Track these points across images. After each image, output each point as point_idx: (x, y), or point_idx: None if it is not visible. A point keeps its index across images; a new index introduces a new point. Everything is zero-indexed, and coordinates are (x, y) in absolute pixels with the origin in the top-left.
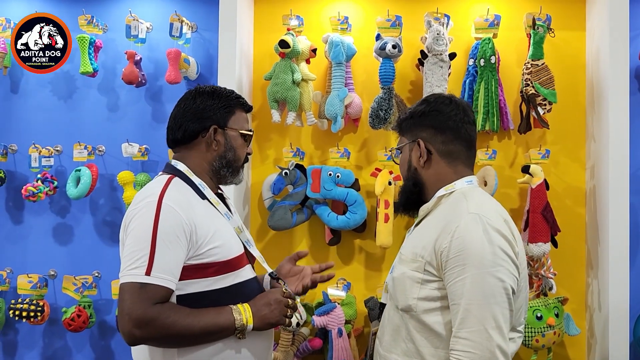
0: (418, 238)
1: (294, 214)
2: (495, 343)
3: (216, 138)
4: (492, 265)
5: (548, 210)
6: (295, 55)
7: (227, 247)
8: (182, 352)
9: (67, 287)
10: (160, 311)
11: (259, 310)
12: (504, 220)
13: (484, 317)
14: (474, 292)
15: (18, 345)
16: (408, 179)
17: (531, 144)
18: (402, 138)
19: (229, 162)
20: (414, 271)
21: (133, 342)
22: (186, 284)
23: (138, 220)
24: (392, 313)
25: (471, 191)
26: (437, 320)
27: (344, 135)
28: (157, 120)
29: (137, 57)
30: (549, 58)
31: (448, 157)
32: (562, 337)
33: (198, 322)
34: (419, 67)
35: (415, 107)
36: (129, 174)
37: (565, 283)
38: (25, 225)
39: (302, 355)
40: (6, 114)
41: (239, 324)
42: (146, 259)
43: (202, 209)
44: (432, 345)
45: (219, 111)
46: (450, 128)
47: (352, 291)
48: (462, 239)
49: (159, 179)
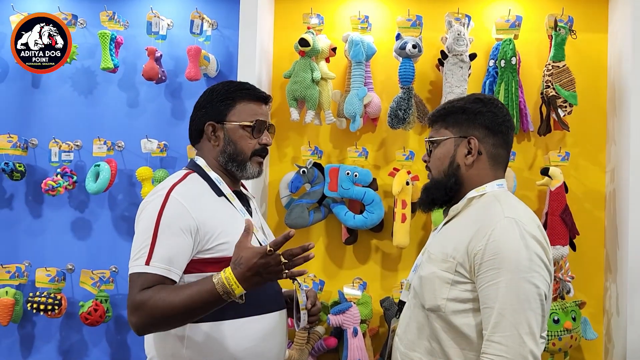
0: (447, 238)
1: (311, 212)
2: (529, 349)
3: (216, 134)
4: (528, 270)
5: (567, 213)
6: (315, 53)
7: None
8: (190, 344)
9: (84, 281)
10: (145, 294)
11: (248, 278)
12: (538, 226)
13: (518, 322)
14: (509, 297)
15: (35, 338)
16: (448, 175)
17: (551, 146)
18: (444, 131)
19: (232, 157)
20: (444, 271)
21: (136, 331)
22: (196, 277)
23: (145, 213)
24: (417, 311)
25: (503, 195)
26: (467, 322)
27: (363, 135)
28: (176, 116)
29: (158, 54)
30: (570, 60)
31: (493, 160)
32: (579, 341)
33: (180, 296)
34: (438, 68)
35: (465, 103)
36: (147, 170)
37: (583, 287)
38: (44, 219)
39: (317, 354)
40: (27, 108)
41: (224, 293)
42: (147, 250)
43: (214, 205)
44: (459, 346)
45: (216, 106)
46: (502, 132)
47: (368, 291)
48: (497, 242)
49: (176, 174)
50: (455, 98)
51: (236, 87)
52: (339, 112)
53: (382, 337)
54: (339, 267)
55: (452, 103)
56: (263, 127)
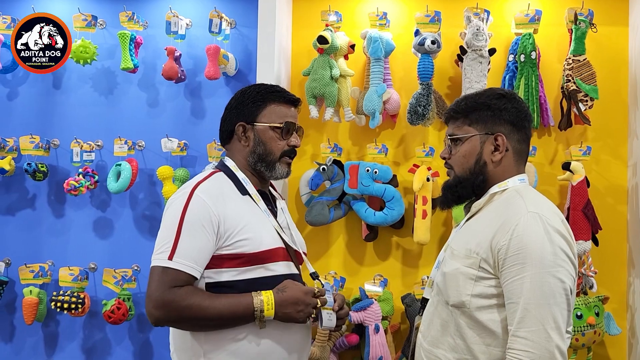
0: (470, 234)
1: (331, 209)
2: (555, 343)
3: (246, 134)
4: (553, 265)
5: (589, 208)
6: (334, 51)
7: (257, 240)
8: (209, 338)
9: (107, 279)
10: (178, 294)
11: (284, 305)
12: (562, 220)
13: (544, 317)
14: (534, 292)
15: (59, 336)
16: (474, 173)
17: (572, 140)
18: (468, 128)
19: (261, 157)
20: (468, 267)
21: (155, 323)
22: (215, 272)
23: (170, 209)
24: (440, 308)
25: (525, 189)
26: (492, 317)
27: (382, 132)
28: (196, 115)
29: (177, 53)
30: (591, 54)
31: (518, 156)
32: (602, 337)
33: (215, 306)
34: (457, 63)
35: (487, 99)
36: (168, 169)
37: (606, 282)
38: (66, 218)
39: (338, 351)
40: (49, 109)
41: (258, 311)
42: (170, 245)
43: (237, 202)
44: (484, 342)
45: (247, 107)
46: (525, 127)
47: (389, 288)
48: (521, 237)
49: (203, 173)
50: (472, 93)
51: (267, 89)
52: (358, 109)
53: (404, 334)
54: (360, 264)
55: (474, 99)
56: (292, 129)
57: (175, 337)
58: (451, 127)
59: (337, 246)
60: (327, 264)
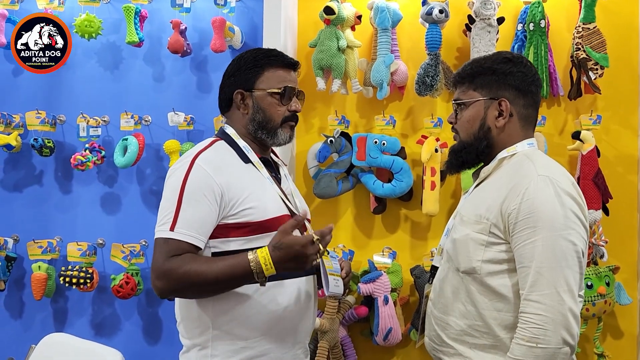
0: (480, 200)
1: (339, 182)
2: (567, 306)
3: (245, 102)
4: (564, 228)
5: (599, 177)
6: (341, 22)
7: (262, 208)
8: (215, 307)
9: (115, 255)
10: (175, 262)
11: (284, 261)
12: (572, 183)
13: (556, 280)
14: (546, 255)
15: (68, 312)
16: (478, 138)
17: (581, 110)
18: (473, 93)
19: (261, 124)
20: (478, 233)
21: (159, 294)
22: (222, 242)
23: (170, 179)
24: (451, 275)
25: (534, 153)
26: (503, 283)
27: (389, 103)
28: (202, 89)
29: (183, 27)
30: (601, 21)
31: (524, 121)
32: (613, 307)
33: (212, 270)
34: (466, 33)
35: (493, 64)
36: (175, 143)
37: (617, 251)
38: (74, 194)
39: (348, 323)
40: (54, 85)
41: (255, 269)
42: (172, 216)
43: (240, 171)
44: (495, 308)
45: (244, 74)
46: (532, 92)
47: (398, 260)
48: (532, 201)
49: (204, 142)
50: (480, 57)
51: (264, 54)
52: (365, 80)
53: (413, 306)
54: (368, 237)
55: (479, 63)
56: (292, 94)
57: (181, 307)
58: (457, 91)
59: (345, 219)
60: (336, 236)
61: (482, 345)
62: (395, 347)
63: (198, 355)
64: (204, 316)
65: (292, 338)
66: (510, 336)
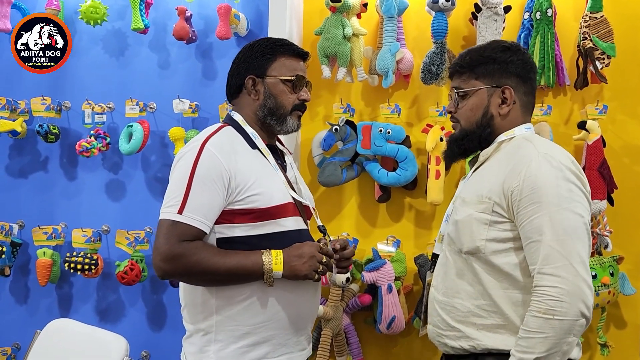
0: (481, 181)
1: (344, 170)
2: (582, 277)
3: (256, 88)
4: (569, 201)
5: (605, 167)
6: (346, 9)
7: (267, 195)
8: (219, 293)
9: (120, 241)
10: (187, 248)
11: (290, 259)
12: (572, 161)
13: (569, 253)
14: (555, 229)
15: (73, 298)
16: (481, 126)
17: (587, 100)
18: (475, 82)
19: (271, 111)
20: (481, 212)
21: (162, 276)
22: (227, 227)
23: (180, 163)
24: (454, 257)
25: (532, 136)
26: (508, 261)
27: (395, 92)
28: (207, 77)
29: (188, 14)
30: (608, 11)
31: (524, 108)
32: (616, 297)
33: (224, 262)
34: (472, 22)
35: (493, 52)
36: (179, 130)
37: (621, 242)
38: (79, 181)
39: (351, 311)
40: (60, 71)
41: (267, 268)
42: (180, 198)
43: (248, 157)
44: (502, 286)
45: (256, 61)
46: (531, 79)
47: (402, 249)
48: (535, 177)
49: (212, 127)
50: (476, 47)
51: (276, 42)
52: (371, 68)
53: (417, 295)
54: (372, 226)
55: (479, 52)
56: (303, 83)
57: (186, 292)
58: (457, 80)
59: (349, 207)
60: (340, 225)
61: (490, 325)
62: (399, 336)
63: (201, 340)
64: (209, 302)
65: (296, 325)
66: (518, 314)
